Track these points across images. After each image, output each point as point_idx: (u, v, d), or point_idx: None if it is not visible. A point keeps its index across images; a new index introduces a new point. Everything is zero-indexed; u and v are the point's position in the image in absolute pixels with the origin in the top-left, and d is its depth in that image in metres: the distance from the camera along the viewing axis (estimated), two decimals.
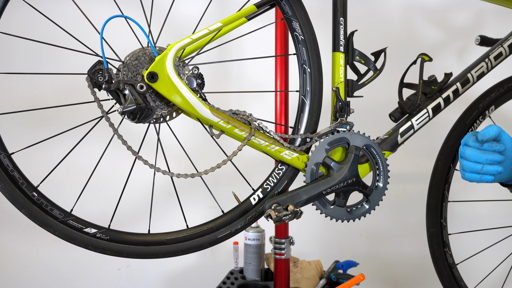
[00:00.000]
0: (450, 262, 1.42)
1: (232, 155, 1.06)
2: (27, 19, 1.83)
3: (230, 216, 1.10)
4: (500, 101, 1.42)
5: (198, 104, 1.02)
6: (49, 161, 1.09)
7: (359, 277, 1.43)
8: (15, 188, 0.98)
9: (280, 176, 1.13)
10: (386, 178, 1.15)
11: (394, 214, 2.24)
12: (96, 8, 1.46)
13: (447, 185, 1.42)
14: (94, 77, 0.97)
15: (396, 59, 1.40)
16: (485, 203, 2.15)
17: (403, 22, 2.24)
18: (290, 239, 1.53)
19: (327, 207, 1.12)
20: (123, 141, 1.01)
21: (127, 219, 1.82)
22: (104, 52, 0.96)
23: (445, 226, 1.43)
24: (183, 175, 1.05)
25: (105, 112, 1.00)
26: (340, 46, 1.14)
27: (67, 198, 1.11)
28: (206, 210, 2.13)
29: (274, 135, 1.09)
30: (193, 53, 1.10)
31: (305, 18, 1.13)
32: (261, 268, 1.70)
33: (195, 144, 1.76)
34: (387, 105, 1.29)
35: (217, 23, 1.04)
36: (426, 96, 1.22)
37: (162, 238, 1.06)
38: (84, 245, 1.02)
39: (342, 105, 1.14)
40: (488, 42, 1.38)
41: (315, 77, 1.14)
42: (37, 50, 1.99)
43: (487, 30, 1.86)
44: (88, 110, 1.14)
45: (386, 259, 2.26)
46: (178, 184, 1.15)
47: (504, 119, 2.07)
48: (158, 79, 0.99)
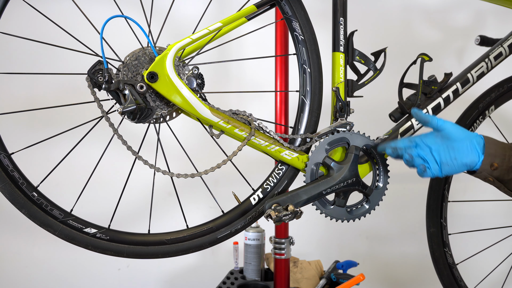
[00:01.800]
0: (450, 262, 1.43)
1: (232, 155, 1.06)
2: (27, 19, 1.83)
3: (230, 216, 1.10)
4: (500, 101, 1.42)
5: (198, 104, 1.02)
6: (49, 161, 1.09)
7: (359, 277, 1.43)
8: (15, 188, 0.98)
9: (280, 176, 1.13)
10: (386, 178, 1.15)
11: (394, 214, 2.24)
12: (96, 8, 1.46)
13: (447, 185, 1.42)
14: (94, 77, 0.97)
15: (396, 59, 1.40)
16: (485, 203, 2.15)
17: (403, 22, 2.24)
18: (290, 239, 1.53)
19: (327, 207, 1.12)
20: (123, 141, 1.01)
21: (127, 219, 1.82)
22: (104, 52, 0.96)
23: (445, 226, 1.43)
24: (183, 175, 1.05)
25: (105, 112, 1.00)
26: (340, 46, 1.14)
27: (67, 198, 1.10)
28: (206, 210, 2.13)
29: (274, 135, 1.09)
30: (193, 53, 1.10)
31: (305, 18, 1.13)
32: (261, 268, 1.70)
33: (195, 144, 1.76)
34: (387, 105, 1.29)
35: (217, 23, 1.04)
36: (426, 96, 1.22)
37: (162, 238, 1.06)
38: (84, 245, 1.02)
39: (342, 105, 1.14)
40: (488, 42, 1.38)
41: (315, 77, 1.14)
42: (37, 50, 1.99)
43: (487, 30, 1.86)
44: (88, 110, 1.14)
45: (386, 259, 2.26)
46: (178, 184, 1.15)
47: (504, 119, 2.07)
48: (158, 79, 0.99)
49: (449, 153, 1.03)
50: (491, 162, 1.03)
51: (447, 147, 1.04)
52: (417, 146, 1.06)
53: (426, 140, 1.05)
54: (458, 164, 1.04)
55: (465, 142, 1.03)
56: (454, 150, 1.03)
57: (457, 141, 1.03)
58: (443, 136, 1.04)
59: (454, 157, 1.03)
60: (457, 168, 1.04)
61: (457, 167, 1.04)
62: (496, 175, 1.05)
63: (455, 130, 1.04)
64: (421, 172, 1.05)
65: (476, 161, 1.03)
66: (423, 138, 1.06)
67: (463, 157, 1.03)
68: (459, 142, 1.03)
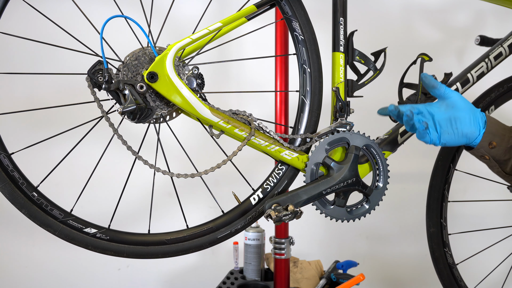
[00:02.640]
0: (450, 262, 1.42)
1: (232, 155, 1.06)
2: (27, 19, 1.83)
3: (230, 216, 1.10)
4: (500, 101, 1.42)
5: (198, 104, 1.02)
6: (49, 161, 1.09)
7: (359, 277, 1.43)
8: (15, 188, 0.98)
9: (280, 176, 1.13)
10: (386, 178, 1.15)
11: (394, 214, 2.24)
12: (96, 8, 1.46)
13: (447, 185, 1.42)
14: (94, 77, 0.97)
15: (396, 59, 1.40)
16: (485, 203, 2.15)
17: (403, 22, 2.25)
18: (290, 239, 1.53)
19: (327, 207, 1.12)
20: (123, 141, 1.01)
21: (127, 219, 1.82)
22: (104, 52, 0.96)
23: (445, 226, 1.43)
24: (183, 175, 1.05)
25: (105, 112, 1.00)
26: (340, 46, 1.14)
27: (67, 198, 1.11)
28: (206, 210, 2.13)
29: (274, 135, 1.09)
30: (193, 53, 1.10)
31: (305, 18, 1.13)
32: (261, 268, 1.70)
33: (195, 144, 1.76)
34: (387, 105, 1.29)
35: (217, 23, 1.04)
36: (426, 96, 1.22)
37: (162, 238, 1.06)
38: (84, 245, 1.02)
39: (342, 105, 1.14)
40: (488, 42, 1.38)
41: (315, 77, 1.14)
42: (37, 50, 1.99)
43: (487, 30, 1.86)
44: (88, 110, 1.14)
45: (386, 259, 2.26)
46: (178, 184, 1.15)
47: (504, 119, 2.06)
48: (158, 79, 0.99)
49: (450, 122, 1.03)
50: (490, 140, 1.04)
51: (450, 116, 1.03)
52: (419, 113, 1.05)
53: (430, 108, 1.05)
54: (458, 134, 1.03)
55: (468, 113, 1.04)
56: (456, 120, 1.03)
57: (461, 111, 1.03)
58: (447, 105, 1.04)
59: (456, 127, 1.03)
60: (456, 138, 1.04)
61: (457, 137, 1.04)
62: (493, 154, 1.06)
63: (461, 100, 1.04)
64: (422, 130, 1.03)
65: (476, 134, 1.04)
66: (427, 106, 1.06)
67: (464, 127, 1.03)
68: (462, 111, 1.03)
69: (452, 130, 1.03)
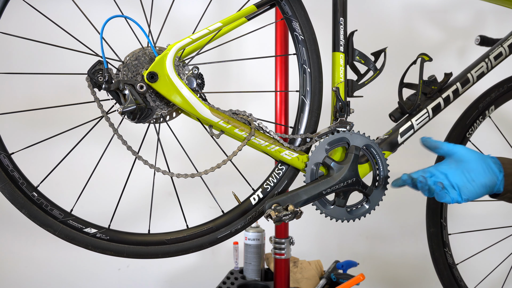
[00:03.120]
0: (450, 262, 1.43)
1: (232, 155, 1.06)
2: (27, 19, 1.83)
3: (230, 216, 1.10)
4: (500, 101, 1.42)
5: (198, 104, 1.02)
6: (49, 161, 1.09)
7: (359, 277, 1.42)
8: (15, 188, 0.98)
9: (280, 176, 1.13)
10: (386, 178, 1.15)
11: (394, 214, 2.24)
12: (96, 8, 1.46)
13: None
14: (94, 77, 0.97)
15: (396, 59, 1.40)
16: (485, 203, 2.15)
17: (403, 22, 2.25)
18: (290, 239, 1.53)
19: (327, 207, 1.12)
20: (123, 141, 1.01)
21: (127, 219, 1.82)
22: (104, 52, 0.96)
23: (445, 226, 1.43)
24: (183, 175, 1.05)
25: (105, 112, 1.00)
26: (340, 46, 1.14)
27: (67, 198, 1.11)
28: (206, 210, 2.13)
29: (274, 135, 1.09)
30: (193, 53, 1.10)
31: (305, 18, 1.13)
32: (261, 268, 1.70)
33: (195, 144, 1.76)
34: (387, 105, 1.29)
35: (217, 23, 1.04)
36: (426, 96, 1.22)
37: (162, 238, 1.06)
38: (84, 245, 1.02)
39: (342, 105, 1.14)
40: (488, 42, 1.38)
41: (315, 77, 1.14)
42: (37, 50, 1.99)
43: (487, 30, 1.86)
44: (88, 110, 1.14)
45: (386, 259, 2.26)
46: (178, 184, 1.15)
47: (504, 119, 2.07)
48: (158, 79, 0.99)
49: (465, 176, 1.01)
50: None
51: (463, 169, 1.01)
52: (432, 176, 1.03)
53: (440, 167, 1.03)
54: (476, 185, 1.00)
55: (479, 162, 1.01)
56: (470, 172, 1.01)
57: (471, 162, 1.01)
58: (456, 160, 1.02)
59: (472, 179, 1.00)
60: (477, 190, 1.00)
61: (477, 189, 1.00)
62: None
63: (467, 151, 1.02)
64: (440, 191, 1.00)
65: (495, 181, 1.01)
66: (437, 166, 1.04)
67: (481, 178, 1.00)
68: (473, 162, 1.01)
69: (469, 184, 1.00)
